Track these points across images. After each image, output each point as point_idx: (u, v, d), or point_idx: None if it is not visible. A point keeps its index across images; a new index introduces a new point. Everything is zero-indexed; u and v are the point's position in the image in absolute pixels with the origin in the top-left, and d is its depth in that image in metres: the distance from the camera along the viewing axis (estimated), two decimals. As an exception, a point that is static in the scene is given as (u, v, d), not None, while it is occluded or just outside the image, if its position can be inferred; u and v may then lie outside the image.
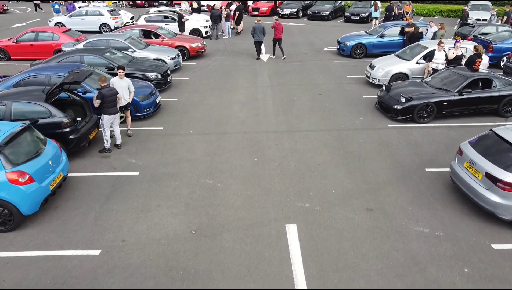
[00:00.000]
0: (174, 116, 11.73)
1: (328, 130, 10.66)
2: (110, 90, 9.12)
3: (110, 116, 9.18)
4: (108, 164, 8.99)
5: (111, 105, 9.14)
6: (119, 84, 9.82)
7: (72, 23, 24.46)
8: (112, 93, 9.12)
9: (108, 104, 9.08)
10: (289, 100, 12.96)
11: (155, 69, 13.68)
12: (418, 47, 14.24)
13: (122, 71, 9.82)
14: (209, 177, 8.45)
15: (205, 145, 9.86)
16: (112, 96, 9.12)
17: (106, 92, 9.03)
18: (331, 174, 8.53)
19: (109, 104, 9.10)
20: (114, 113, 9.26)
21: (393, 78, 13.61)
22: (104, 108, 9.12)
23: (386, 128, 10.75)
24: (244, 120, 11.40)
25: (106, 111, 9.13)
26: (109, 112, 9.15)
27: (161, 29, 18.40)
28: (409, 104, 10.85)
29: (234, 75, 15.74)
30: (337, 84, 14.51)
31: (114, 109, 9.24)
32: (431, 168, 8.68)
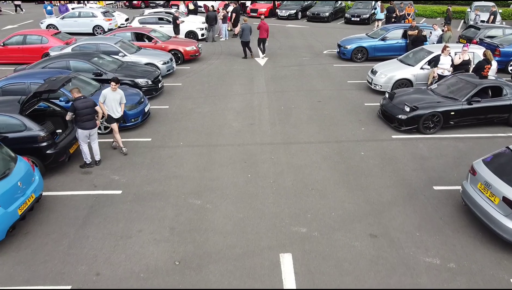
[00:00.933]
0: (164, 125, 11.02)
1: (327, 142, 9.96)
2: (84, 102, 8.36)
3: (85, 130, 8.42)
4: (88, 181, 8.28)
5: (86, 119, 8.37)
6: (111, 96, 9.08)
7: (64, 25, 23.81)
8: (86, 106, 8.35)
9: (82, 118, 8.31)
10: (286, 108, 12.26)
11: (145, 75, 12.98)
12: (422, 51, 13.53)
13: (114, 84, 9.00)
14: (198, 196, 7.74)
15: (195, 159, 9.16)
16: (86, 109, 8.34)
17: (79, 104, 8.28)
18: (331, 193, 7.82)
19: (83, 118, 8.33)
20: (90, 128, 8.49)
21: (396, 84, 12.91)
22: (78, 121, 8.36)
23: (390, 140, 10.05)
24: (238, 130, 10.70)
25: (81, 125, 8.36)
26: (84, 126, 8.37)
27: (154, 32, 17.70)
28: (414, 114, 10.14)
29: (229, 81, 15.04)
30: (337, 90, 13.81)
31: (90, 123, 8.46)
32: (440, 186, 7.97)
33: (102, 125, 10.38)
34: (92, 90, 10.85)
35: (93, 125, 8.52)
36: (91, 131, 8.52)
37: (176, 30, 20.53)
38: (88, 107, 8.36)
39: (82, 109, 8.27)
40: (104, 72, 12.50)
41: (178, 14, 21.47)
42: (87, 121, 8.38)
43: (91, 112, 8.43)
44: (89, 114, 8.39)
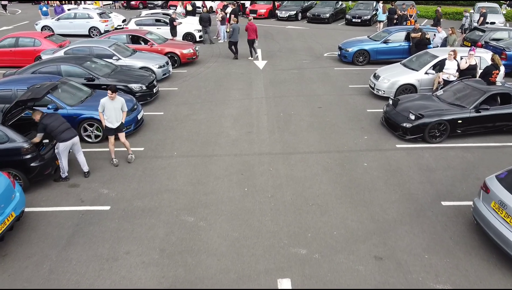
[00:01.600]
0: (158, 133, 10.55)
1: (328, 152, 9.48)
2: (51, 117, 7.86)
3: (65, 142, 7.90)
4: (75, 195, 7.80)
5: (62, 129, 7.82)
6: (110, 105, 8.62)
7: (59, 26, 23.37)
8: (54, 118, 7.86)
9: (57, 130, 7.78)
10: (285, 114, 11.78)
11: (139, 79, 12.51)
12: (426, 55, 13.05)
13: (111, 93, 8.52)
14: (191, 212, 7.27)
15: (189, 171, 8.69)
16: (55, 121, 7.81)
17: (47, 120, 7.76)
18: (333, 209, 7.35)
19: (58, 129, 7.79)
20: (71, 138, 7.96)
21: (400, 89, 12.43)
22: (55, 136, 7.83)
23: (394, 149, 9.57)
24: (235, 139, 10.22)
25: (60, 138, 7.82)
26: (64, 138, 7.84)
27: (150, 34, 17.23)
28: (419, 122, 9.67)
29: (227, 85, 14.57)
30: (339, 96, 13.33)
31: (68, 133, 7.92)
32: (448, 202, 7.50)
33: (93, 133, 9.91)
34: (83, 96, 10.39)
35: (73, 134, 8.00)
36: (74, 141, 8.01)
37: (173, 32, 20.07)
38: (55, 120, 7.84)
39: (52, 122, 7.76)
40: (97, 77, 12.04)
41: (175, 16, 20.99)
42: (64, 131, 7.85)
43: (62, 122, 7.90)
44: (61, 124, 7.86)
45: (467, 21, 21.59)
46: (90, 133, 9.92)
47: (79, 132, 9.83)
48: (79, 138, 8.26)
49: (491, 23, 23.61)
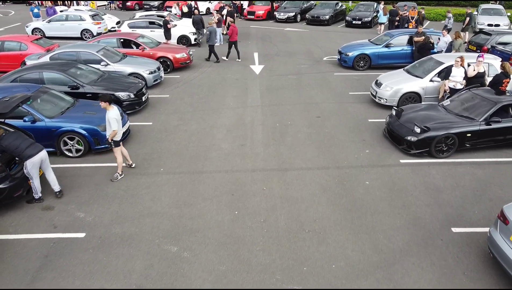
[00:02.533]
0: (145, 147, 9.84)
1: (327, 168, 8.78)
2: (11, 136, 7.14)
3: (33, 159, 7.17)
4: (48, 220, 7.09)
5: (25, 145, 7.13)
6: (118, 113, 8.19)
7: (50, 28, 22.68)
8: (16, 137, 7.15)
9: (19, 150, 7.07)
10: (282, 125, 11.07)
11: (127, 87, 11.80)
12: (431, 61, 12.34)
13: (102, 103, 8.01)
14: (174, 241, 6.56)
15: (175, 190, 7.98)
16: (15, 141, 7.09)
17: (7, 142, 7.04)
18: (331, 236, 6.64)
19: (20, 150, 7.07)
20: (37, 153, 7.21)
21: (403, 98, 11.72)
22: (18, 156, 7.13)
23: (398, 165, 8.87)
24: (227, 153, 9.51)
25: (26, 155, 7.09)
26: (30, 154, 7.11)
27: (142, 38, 16.51)
28: (425, 136, 8.96)
29: (221, 92, 13.86)
30: (338, 104, 12.63)
31: (33, 148, 7.19)
32: (459, 228, 6.79)
33: (73, 147, 9.20)
34: (64, 107, 9.69)
35: (38, 148, 7.26)
36: (42, 157, 7.28)
37: (167, 35, 19.37)
38: (13, 139, 7.11)
39: (11, 142, 7.05)
40: (81, 85, 11.33)
41: (170, 18, 20.29)
42: (27, 148, 7.13)
43: (21, 138, 7.19)
44: (21, 141, 7.15)
45: (450, 21, 21.31)
46: (70, 147, 9.21)
47: (58, 146, 9.14)
48: (47, 153, 7.50)
49: (496, 26, 22.94)
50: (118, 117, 8.10)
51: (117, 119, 8.06)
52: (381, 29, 23.49)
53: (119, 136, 8.28)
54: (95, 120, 9.35)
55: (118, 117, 8.10)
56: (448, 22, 21.40)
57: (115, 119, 7.99)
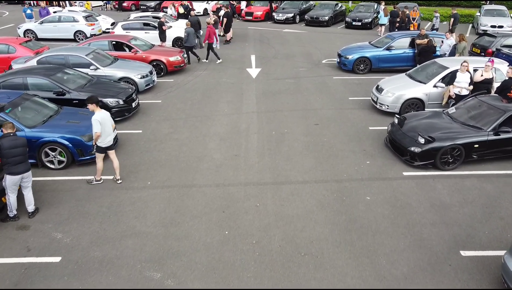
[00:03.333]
0: (132, 157, 9.29)
1: (325, 181, 8.22)
2: (13, 141, 6.67)
3: (14, 176, 6.69)
4: (22, 241, 6.54)
5: (15, 161, 6.64)
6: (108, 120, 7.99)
7: (43, 30, 22.11)
8: (15, 144, 6.65)
9: (10, 160, 6.59)
10: (278, 133, 10.52)
11: (116, 93, 11.24)
12: (434, 66, 11.79)
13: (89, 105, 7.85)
14: (158, 266, 6.01)
15: (162, 207, 7.42)
16: (15, 149, 6.63)
17: (6, 143, 6.60)
18: (329, 260, 6.09)
19: (11, 160, 6.60)
20: (21, 173, 6.75)
21: (406, 104, 11.17)
22: (5, 164, 6.64)
23: (401, 178, 8.32)
24: (219, 164, 8.96)
25: (9, 169, 6.62)
26: (13, 171, 6.65)
27: (135, 40, 15.94)
28: (430, 147, 8.42)
29: (215, 97, 13.31)
30: (338, 110, 12.07)
31: (21, 166, 6.73)
32: (469, 251, 6.24)
33: (55, 159, 8.65)
34: (46, 115, 9.14)
35: (25, 169, 6.78)
36: (24, 176, 6.78)
37: (162, 36, 18.80)
38: (17, 146, 6.65)
39: (9, 149, 6.57)
40: (67, 91, 10.79)
41: (165, 19, 19.73)
42: (17, 164, 6.65)
43: (21, 152, 6.71)
44: (19, 155, 6.66)
45: (437, 21, 21.32)
46: (52, 159, 8.66)
47: (39, 158, 8.59)
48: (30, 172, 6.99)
49: (499, 27, 22.42)
50: (103, 120, 7.76)
51: (101, 122, 7.71)
52: (381, 31, 22.96)
53: (105, 143, 7.85)
54: (79, 129, 8.82)
55: (103, 120, 7.76)
56: (435, 22, 21.40)
57: (98, 121, 7.65)
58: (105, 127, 7.81)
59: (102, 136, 7.79)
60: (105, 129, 7.80)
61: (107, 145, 7.97)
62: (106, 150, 8.02)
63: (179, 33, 19.99)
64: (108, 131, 7.93)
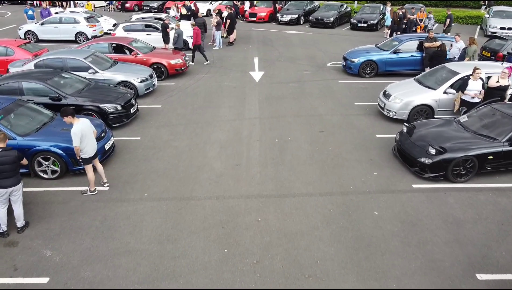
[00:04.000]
0: (129, 166, 8.92)
1: (331, 194, 7.82)
2: (2, 157, 6.28)
3: (2, 190, 6.35)
4: (10, 259, 6.18)
5: (4, 175, 6.29)
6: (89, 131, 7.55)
7: (44, 31, 21.85)
8: (5, 161, 6.26)
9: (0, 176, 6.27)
10: (281, 140, 10.12)
11: (115, 98, 10.88)
12: (444, 71, 11.34)
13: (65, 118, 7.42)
14: (152, 288, 5.62)
15: (158, 221, 7.05)
16: (4, 165, 6.26)
17: None
18: (335, 283, 5.69)
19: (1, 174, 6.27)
20: (10, 186, 6.40)
21: (414, 111, 10.73)
22: None
23: (411, 191, 7.89)
24: (219, 174, 8.58)
25: None
26: (2, 185, 6.31)
27: (135, 42, 15.59)
28: (441, 158, 7.99)
29: (217, 101, 12.92)
30: (343, 116, 11.65)
31: (10, 180, 6.39)
32: (485, 274, 5.82)
33: (49, 169, 8.30)
34: (40, 122, 8.81)
35: (14, 182, 6.44)
36: (13, 189, 6.43)
37: (165, 38, 18.44)
38: (6, 163, 6.27)
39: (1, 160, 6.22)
40: (64, 96, 10.45)
41: (169, 21, 19.36)
42: (6, 178, 6.31)
43: (11, 168, 6.34)
44: (8, 171, 6.31)
45: (430, 22, 21.02)
46: (45, 168, 8.30)
47: (32, 167, 8.24)
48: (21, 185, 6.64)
49: (508, 29, 21.93)
50: (83, 131, 7.36)
51: (82, 134, 7.32)
52: (388, 33, 22.49)
53: (90, 153, 7.53)
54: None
55: (83, 131, 7.36)
56: (429, 23, 21.10)
57: (76, 135, 7.26)
58: (87, 137, 7.43)
59: (86, 147, 7.44)
60: (87, 139, 7.44)
61: (92, 154, 7.60)
62: (93, 159, 7.65)
63: (181, 35, 19.62)
64: (91, 140, 7.57)
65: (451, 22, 20.59)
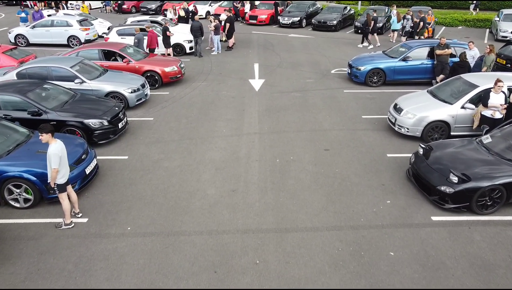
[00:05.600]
0: (113, 192, 7.99)
1: (339, 228, 6.88)
2: None
3: None
4: (-37, 315, 5.26)
5: None
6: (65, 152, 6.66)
7: (35, 35, 20.96)
8: None
9: None
10: (283, 160, 9.19)
11: (101, 112, 9.96)
12: (460, 82, 10.40)
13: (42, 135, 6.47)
14: None
15: (141, 264, 6.11)
16: None
17: None
18: None
19: None
20: None
21: (429, 127, 9.78)
22: None
23: (430, 225, 6.95)
24: (213, 202, 7.64)
25: None
26: None
27: (128, 48, 14.66)
28: (464, 187, 7.04)
29: (213, 114, 11.98)
30: (350, 131, 10.71)
31: None
32: (527, 339, 4.87)
33: (21, 197, 7.36)
34: (15, 142, 7.89)
35: None
36: None
37: (166, 43, 17.55)
38: None
39: None
40: (44, 110, 9.52)
41: (168, 24, 18.43)
42: None
43: None
44: None
45: (408, 23, 20.45)
46: (17, 196, 7.37)
47: (1, 195, 7.32)
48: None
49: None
50: (62, 152, 6.53)
51: (61, 155, 6.47)
52: (393, 37, 21.60)
53: (65, 178, 6.66)
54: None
55: (62, 152, 6.53)
56: (406, 24, 20.57)
57: (58, 156, 6.40)
58: (64, 159, 6.61)
59: (61, 171, 6.55)
60: (64, 162, 6.61)
61: (66, 180, 6.71)
62: (67, 185, 6.75)
63: (178, 39, 18.75)
64: (66, 164, 6.74)
65: (424, 25, 20.15)
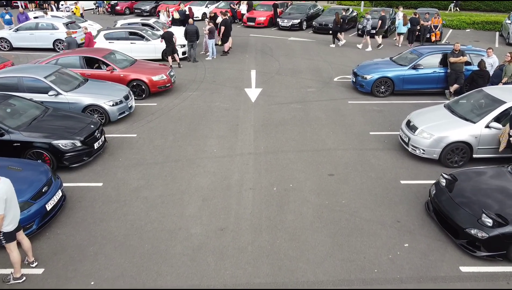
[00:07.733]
0: (79, 232, 6.74)
1: (348, 283, 5.64)
2: None
3: None
4: None
5: None
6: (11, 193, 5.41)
7: (18, 39, 19.75)
8: None
9: None
10: (281, 189, 7.94)
11: (73, 131, 8.73)
12: (483, 96, 9.17)
13: None
14: None
15: (101, 336, 4.87)
16: None
17: None
18: None
19: None
20: None
21: (448, 149, 8.55)
22: None
23: (458, 279, 5.70)
24: (197, 246, 6.40)
25: None
26: None
27: (113, 55, 13.42)
28: (500, 232, 5.81)
29: (204, 129, 10.74)
30: (357, 151, 9.48)
31: None
32: None
33: None
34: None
35: None
36: None
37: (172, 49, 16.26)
38: None
39: None
40: (6, 130, 8.28)
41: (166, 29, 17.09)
42: None
43: None
44: None
45: (368, 23, 20.05)
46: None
47: None
48: None
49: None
50: (8, 193, 5.29)
51: (6, 198, 5.25)
52: (399, 40, 20.36)
53: (14, 224, 5.42)
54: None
55: (8, 193, 5.29)
56: (367, 24, 20.09)
57: (2, 199, 5.19)
58: (11, 202, 5.33)
59: (8, 216, 5.29)
60: (10, 205, 5.33)
61: (16, 226, 5.46)
62: (17, 231, 5.52)
63: (169, 43, 17.44)
64: (15, 206, 5.49)
65: (383, 25, 19.64)
